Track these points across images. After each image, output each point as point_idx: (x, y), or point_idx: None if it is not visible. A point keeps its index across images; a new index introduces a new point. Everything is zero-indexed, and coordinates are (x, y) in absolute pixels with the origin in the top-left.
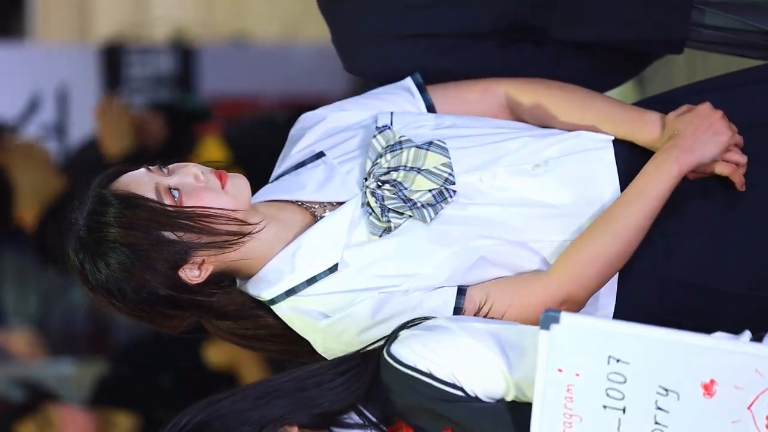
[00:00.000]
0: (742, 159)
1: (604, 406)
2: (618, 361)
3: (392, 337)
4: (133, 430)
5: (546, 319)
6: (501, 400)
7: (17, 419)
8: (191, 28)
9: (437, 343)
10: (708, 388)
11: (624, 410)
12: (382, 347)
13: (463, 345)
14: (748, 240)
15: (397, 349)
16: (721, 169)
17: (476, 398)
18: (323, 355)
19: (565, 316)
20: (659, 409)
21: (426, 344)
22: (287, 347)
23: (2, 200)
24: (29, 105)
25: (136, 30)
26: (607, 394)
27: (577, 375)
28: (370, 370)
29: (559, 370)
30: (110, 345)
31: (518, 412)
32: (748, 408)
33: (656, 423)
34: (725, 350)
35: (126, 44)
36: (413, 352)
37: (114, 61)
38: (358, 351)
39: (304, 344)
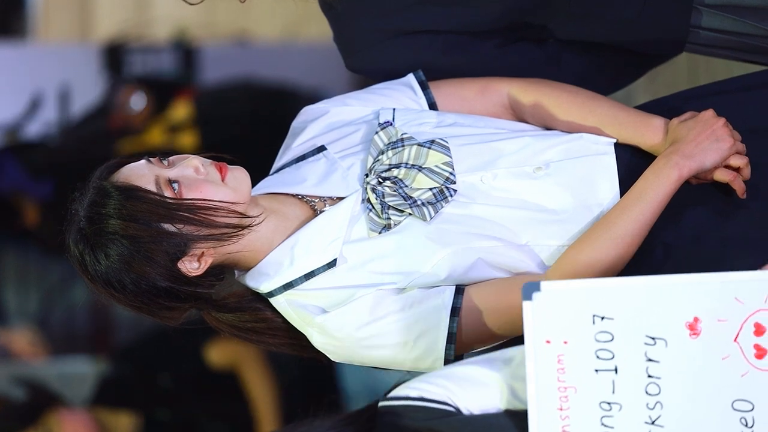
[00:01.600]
0: (743, 162)
1: (596, 370)
2: (603, 318)
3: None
4: (133, 431)
5: (527, 289)
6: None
7: (17, 428)
8: (192, 27)
9: (428, 376)
10: (693, 327)
11: (616, 370)
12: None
13: (453, 369)
14: (749, 247)
15: (390, 394)
16: (721, 176)
17: (470, 414)
18: (319, 349)
19: (546, 283)
20: (650, 360)
21: (418, 379)
22: (287, 340)
23: (9, 210)
24: (31, 105)
25: (137, 29)
26: (597, 357)
27: (565, 342)
28: (365, 418)
29: (548, 342)
30: (112, 344)
31: (513, 417)
32: (735, 340)
33: (649, 376)
34: (702, 282)
35: (127, 44)
36: (405, 387)
37: (115, 60)
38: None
39: (303, 338)
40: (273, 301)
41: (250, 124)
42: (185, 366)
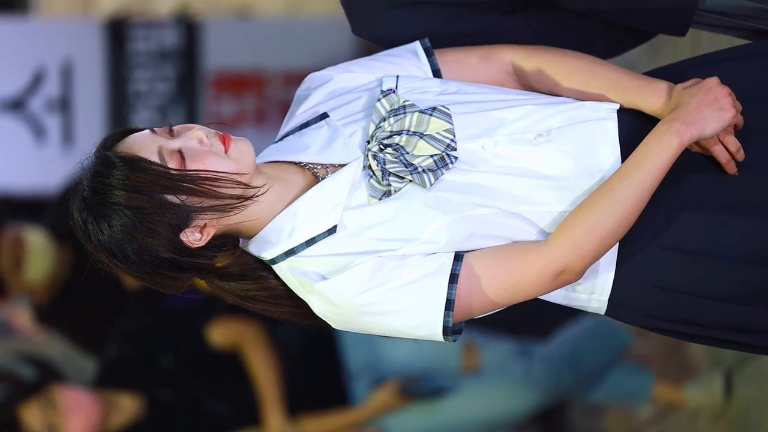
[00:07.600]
0: (735, 147)
1: None
2: None
3: None
4: (136, 412)
5: None
6: None
7: (21, 401)
8: (195, 2)
9: None
10: None
11: None
12: None
13: None
14: (751, 212)
15: None
16: (717, 152)
17: None
18: (320, 316)
19: None
20: None
21: None
22: (289, 309)
23: None
24: (33, 79)
25: (140, 4)
26: None
27: None
28: None
29: None
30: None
31: None
32: None
33: None
34: None
35: (130, 18)
36: None
37: (118, 35)
38: None
39: (306, 305)
40: (276, 268)
41: None
42: (187, 347)
